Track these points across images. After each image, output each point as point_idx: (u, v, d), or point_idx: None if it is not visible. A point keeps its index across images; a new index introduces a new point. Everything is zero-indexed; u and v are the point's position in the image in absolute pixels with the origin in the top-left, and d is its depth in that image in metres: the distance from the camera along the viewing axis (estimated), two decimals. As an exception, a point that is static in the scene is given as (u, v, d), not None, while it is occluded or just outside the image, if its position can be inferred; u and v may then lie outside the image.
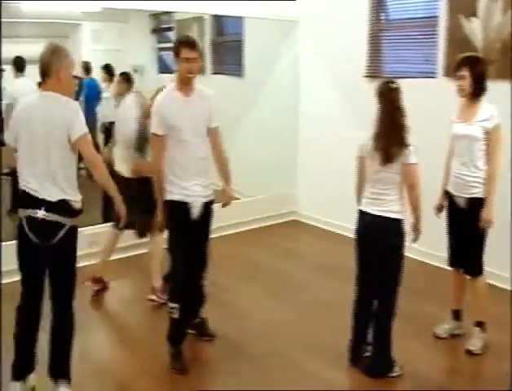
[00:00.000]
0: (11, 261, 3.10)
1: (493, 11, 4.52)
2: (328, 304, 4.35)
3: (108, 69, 7.28)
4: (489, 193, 3.43)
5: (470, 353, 3.58)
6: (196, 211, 3.40)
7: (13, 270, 3.07)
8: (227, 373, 3.46)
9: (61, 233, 2.88)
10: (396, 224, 3.23)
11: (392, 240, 3.25)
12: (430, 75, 5.05)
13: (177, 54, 3.36)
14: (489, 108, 3.46)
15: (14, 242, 3.02)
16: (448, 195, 3.65)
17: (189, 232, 3.39)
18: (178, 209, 3.38)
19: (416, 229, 3.30)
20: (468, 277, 3.67)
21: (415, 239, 3.33)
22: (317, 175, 6.33)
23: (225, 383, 3.35)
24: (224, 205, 3.62)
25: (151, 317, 4.19)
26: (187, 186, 3.38)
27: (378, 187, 3.25)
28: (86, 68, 7.77)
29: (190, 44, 3.35)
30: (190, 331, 3.67)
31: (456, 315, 3.80)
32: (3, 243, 4.22)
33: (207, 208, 3.48)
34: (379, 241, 3.24)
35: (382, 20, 5.64)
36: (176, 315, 3.39)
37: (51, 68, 2.88)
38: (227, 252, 3.71)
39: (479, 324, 3.64)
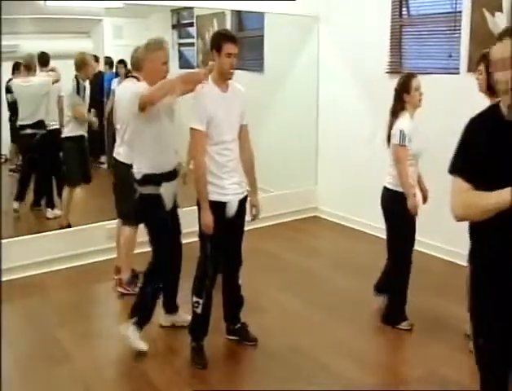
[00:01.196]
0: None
1: (518, 6, 4.47)
2: (347, 300, 4.35)
3: (124, 64, 7.35)
4: None
5: None
6: (232, 210, 3.38)
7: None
8: (246, 370, 3.49)
9: None
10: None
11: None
12: (453, 71, 4.99)
13: (218, 48, 3.27)
14: None
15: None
16: None
17: (223, 231, 3.35)
18: (216, 209, 3.30)
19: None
20: None
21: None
22: (337, 171, 6.31)
23: (243, 379, 3.37)
24: (253, 219, 3.60)
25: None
26: (224, 185, 3.33)
27: None
28: (108, 62, 7.84)
29: (232, 38, 3.31)
30: (231, 338, 3.70)
31: None
32: (4, 241, 4.33)
33: (241, 205, 3.46)
34: None
35: (404, 16, 5.59)
36: (199, 310, 3.41)
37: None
38: (247, 247, 3.71)
39: None
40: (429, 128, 5.11)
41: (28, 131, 5.71)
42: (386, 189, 3.85)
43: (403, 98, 3.75)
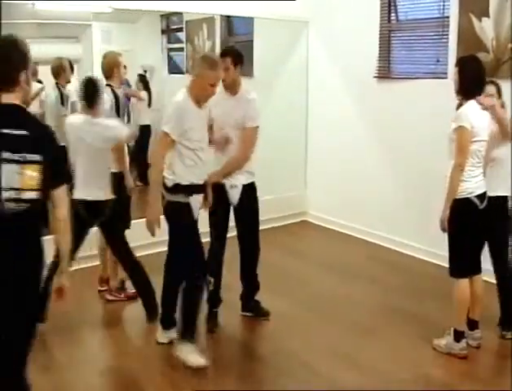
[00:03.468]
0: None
1: (504, 11, 4.50)
2: (337, 304, 4.36)
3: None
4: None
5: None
6: (234, 195, 3.82)
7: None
8: (235, 373, 3.47)
9: None
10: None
11: None
12: (441, 75, 5.02)
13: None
14: (463, 109, 3.41)
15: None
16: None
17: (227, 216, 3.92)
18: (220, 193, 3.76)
19: None
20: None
21: None
22: (326, 176, 6.32)
23: (231, 383, 3.35)
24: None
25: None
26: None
27: None
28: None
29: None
30: (247, 314, 4.11)
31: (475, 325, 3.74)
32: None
33: (247, 191, 3.86)
34: None
35: (393, 21, 5.62)
36: (212, 287, 3.87)
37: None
38: (236, 252, 3.72)
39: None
40: (417, 132, 5.16)
41: None
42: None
43: None
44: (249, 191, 3.92)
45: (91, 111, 3.84)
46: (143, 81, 7.78)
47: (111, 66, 4.35)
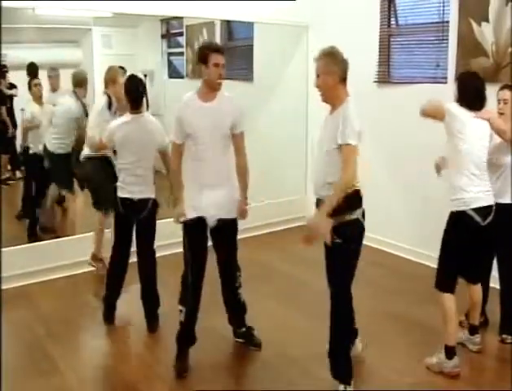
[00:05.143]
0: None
1: (504, 16, 4.51)
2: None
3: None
4: None
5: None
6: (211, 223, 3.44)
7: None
8: (236, 377, 3.48)
9: None
10: None
11: None
12: (440, 80, 5.03)
13: (204, 60, 3.29)
14: None
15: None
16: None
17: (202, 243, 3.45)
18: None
19: None
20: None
21: None
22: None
23: (231, 386, 3.35)
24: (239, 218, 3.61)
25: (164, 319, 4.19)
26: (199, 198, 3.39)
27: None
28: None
29: (218, 49, 3.35)
30: (238, 340, 3.78)
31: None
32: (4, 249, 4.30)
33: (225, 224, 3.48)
34: None
35: (393, 25, 5.63)
36: (181, 318, 3.49)
37: None
38: (238, 257, 3.72)
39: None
40: (417, 136, 5.16)
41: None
42: None
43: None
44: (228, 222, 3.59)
45: (136, 110, 3.92)
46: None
47: (107, 81, 4.77)
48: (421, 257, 5.23)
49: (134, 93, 3.89)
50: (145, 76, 7.72)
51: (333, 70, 3.27)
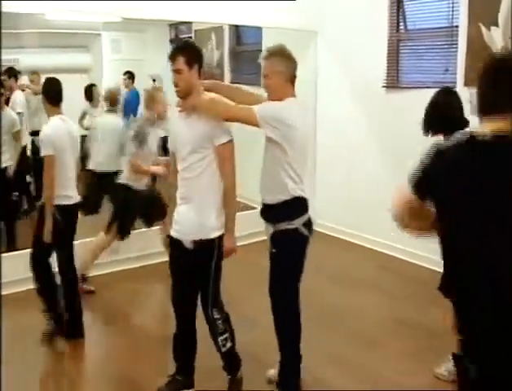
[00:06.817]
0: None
1: (514, 21, 4.50)
2: (343, 314, 4.33)
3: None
4: None
5: None
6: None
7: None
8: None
9: None
10: None
11: None
12: (449, 85, 5.00)
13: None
14: None
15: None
16: None
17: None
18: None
19: None
20: None
21: None
22: (335, 185, 6.31)
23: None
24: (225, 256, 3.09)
25: (165, 323, 4.18)
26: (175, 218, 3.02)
27: None
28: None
29: (171, 54, 2.90)
30: None
31: None
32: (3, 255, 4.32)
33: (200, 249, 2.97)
34: None
35: (402, 30, 5.63)
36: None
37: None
38: (240, 262, 3.68)
39: None
40: (426, 141, 5.13)
41: None
42: None
43: None
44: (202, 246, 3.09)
45: None
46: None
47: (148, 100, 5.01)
48: (426, 261, 5.20)
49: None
50: (154, 81, 7.77)
51: (279, 70, 3.07)
